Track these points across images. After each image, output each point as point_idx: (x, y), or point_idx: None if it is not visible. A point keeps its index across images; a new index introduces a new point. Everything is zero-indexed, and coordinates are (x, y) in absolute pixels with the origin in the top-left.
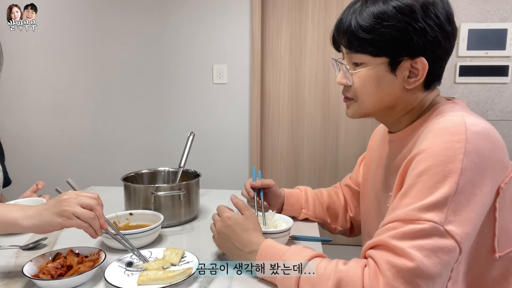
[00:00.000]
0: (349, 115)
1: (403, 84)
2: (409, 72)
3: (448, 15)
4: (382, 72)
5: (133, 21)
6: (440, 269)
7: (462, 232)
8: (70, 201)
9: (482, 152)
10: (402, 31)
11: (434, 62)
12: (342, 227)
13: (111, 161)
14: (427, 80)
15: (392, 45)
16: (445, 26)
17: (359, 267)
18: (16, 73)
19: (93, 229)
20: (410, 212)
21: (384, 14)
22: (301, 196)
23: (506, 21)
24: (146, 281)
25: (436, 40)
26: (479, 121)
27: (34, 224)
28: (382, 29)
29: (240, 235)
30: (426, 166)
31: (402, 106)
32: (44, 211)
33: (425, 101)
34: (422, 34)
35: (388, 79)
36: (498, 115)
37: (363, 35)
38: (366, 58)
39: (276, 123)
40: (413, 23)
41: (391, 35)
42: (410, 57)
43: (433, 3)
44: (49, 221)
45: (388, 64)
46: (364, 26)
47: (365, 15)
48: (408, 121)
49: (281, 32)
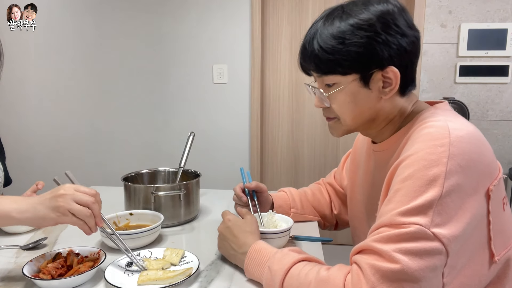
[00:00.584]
0: (335, 135)
1: (380, 95)
2: (382, 82)
3: (406, 21)
4: (355, 88)
5: (133, 21)
6: (426, 272)
7: (449, 235)
8: (66, 197)
9: (468, 156)
10: (365, 46)
11: (405, 68)
12: (329, 223)
13: (111, 161)
14: (401, 86)
15: (359, 61)
16: (406, 32)
17: (342, 274)
18: (16, 73)
19: (87, 226)
20: (395, 216)
21: (343, 33)
22: (287, 196)
23: (506, 21)
24: (146, 281)
25: (401, 47)
26: (463, 125)
27: (28, 217)
28: (345, 48)
29: (237, 236)
30: (410, 171)
31: (383, 117)
32: (38, 205)
33: (405, 109)
34: (386, 45)
35: (363, 94)
36: (498, 115)
37: (328, 57)
38: (337, 78)
39: (276, 123)
40: (375, 37)
41: (356, 52)
42: (379, 68)
43: (389, 13)
44: (43, 216)
45: (360, 79)
46: (327, 49)
47: (325, 38)
48: (391, 131)
49: (281, 32)
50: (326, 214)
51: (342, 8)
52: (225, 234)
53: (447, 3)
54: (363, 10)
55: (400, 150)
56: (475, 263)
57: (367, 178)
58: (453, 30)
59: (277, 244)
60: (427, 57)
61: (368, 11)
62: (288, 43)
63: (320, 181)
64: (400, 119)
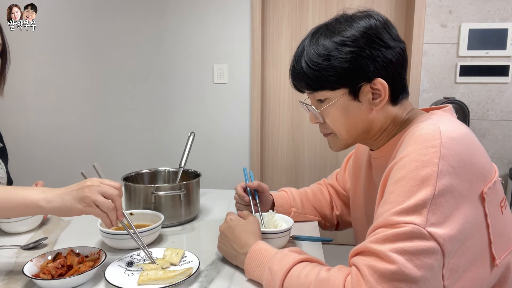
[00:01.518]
0: (333, 150)
1: (370, 106)
2: (371, 94)
3: (390, 33)
4: (346, 102)
5: (134, 21)
6: (424, 272)
7: (444, 235)
8: (92, 189)
9: (459, 156)
10: (350, 61)
11: (392, 79)
12: (330, 223)
13: (111, 161)
14: (392, 95)
15: (346, 76)
16: (390, 44)
17: (342, 275)
18: (16, 73)
19: (109, 219)
20: (390, 216)
21: (327, 50)
22: (287, 196)
23: (507, 21)
24: (147, 281)
25: (386, 59)
26: (455, 127)
27: (55, 206)
28: (331, 64)
29: (238, 237)
30: (403, 173)
31: (377, 127)
32: (66, 195)
33: (398, 117)
34: (371, 59)
35: (354, 107)
36: (498, 115)
37: (315, 74)
38: (327, 93)
39: (277, 123)
40: (359, 52)
41: (342, 68)
42: (367, 81)
43: (372, 27)
44: (70, 206)
45: (349, 93)
46: (314, 66)
47: (311, 56)
48: (386, 138)
49: (282, 32)
50: (326, 214)
51: (326, 26)
52: (226, 233)
53: (448, 3)
54: (346, 27)
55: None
56: (476, 267)
57: (367, 183)
58: (453, 30)
59: (277, 244)
60: (427, 57)
61: (351, 28)
62: (288, 43)
63: (321, 181)
64: (394, 126)
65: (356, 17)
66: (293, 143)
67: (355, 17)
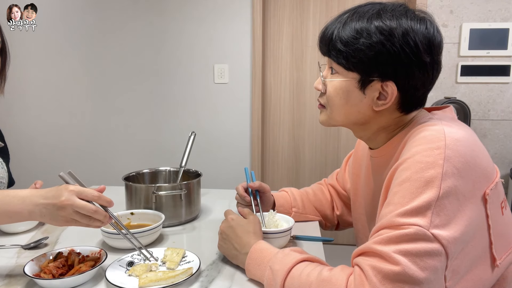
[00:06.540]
0: (320, 121)
1: (371, 104)
2: (379, 93)
3: (430, 45)
4: (351, 87)
5: (134, 21)
6: (427, 274)
7: (448, 237)
8: (67, 210)
9: (464, 158)
10: (375, 51)
11: (406, 90)
12: (330, 223)
13: (112, 160)
14: (404, 104)
15: (364, 64)
16: (422, 56)
17: (344, 275)
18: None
19: (95, 225)
20: (394, 218)
21: (363, 30)
22: (288, 196)
23: (508, 21)
24: (148, 283)
25: (409, 68)
26: (459, 129)
27: (37, 219)
28: (358, 45)
29: (240, 236)
30: (407, 174)
31: (375, 126)
32: (43, 209)
33: (402, 119)
34: (395, 59)
35: (356, 95)
36: (499, 115)
37: (340, 46)
38: (341, 69)
39: (277, 122)
40: (388, 46)
41: (365, 53)
42: (380, 79)
43: (415, 30)
44: (49, 221)
45: (359, 81)
46: (343, 38)
47: (347, 28)
48: (386, 138)
49: (282, 32)
50: (327, 214)
51: (378, 10)
52: (227, 233)
53: (449, 3)
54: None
55: (398, 155)
56: (477, 268)
57: (368, 182)
58: (454, 30)
59: (278, 244)
60: None
61: (397, 21)
62: (289, 43)
63: (322, 181)
64: (396, 127)
65: (410, 14)
66: (294, 143)
67: (409, 13)
